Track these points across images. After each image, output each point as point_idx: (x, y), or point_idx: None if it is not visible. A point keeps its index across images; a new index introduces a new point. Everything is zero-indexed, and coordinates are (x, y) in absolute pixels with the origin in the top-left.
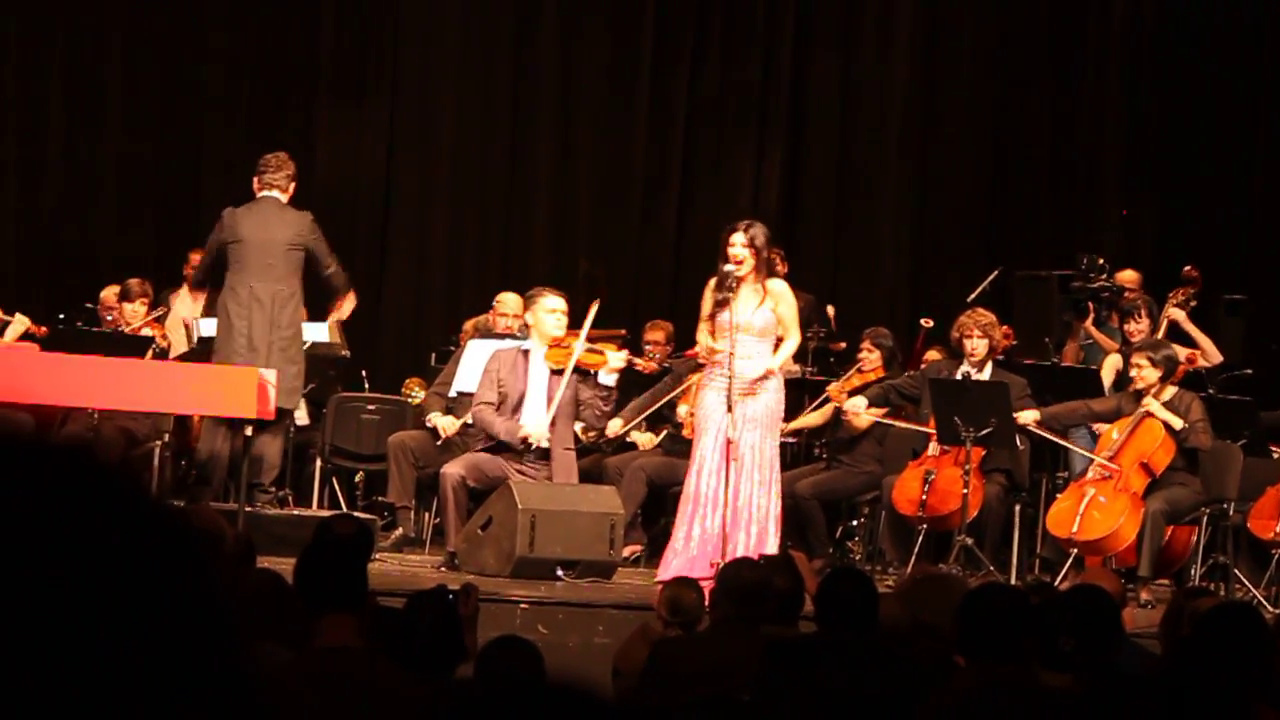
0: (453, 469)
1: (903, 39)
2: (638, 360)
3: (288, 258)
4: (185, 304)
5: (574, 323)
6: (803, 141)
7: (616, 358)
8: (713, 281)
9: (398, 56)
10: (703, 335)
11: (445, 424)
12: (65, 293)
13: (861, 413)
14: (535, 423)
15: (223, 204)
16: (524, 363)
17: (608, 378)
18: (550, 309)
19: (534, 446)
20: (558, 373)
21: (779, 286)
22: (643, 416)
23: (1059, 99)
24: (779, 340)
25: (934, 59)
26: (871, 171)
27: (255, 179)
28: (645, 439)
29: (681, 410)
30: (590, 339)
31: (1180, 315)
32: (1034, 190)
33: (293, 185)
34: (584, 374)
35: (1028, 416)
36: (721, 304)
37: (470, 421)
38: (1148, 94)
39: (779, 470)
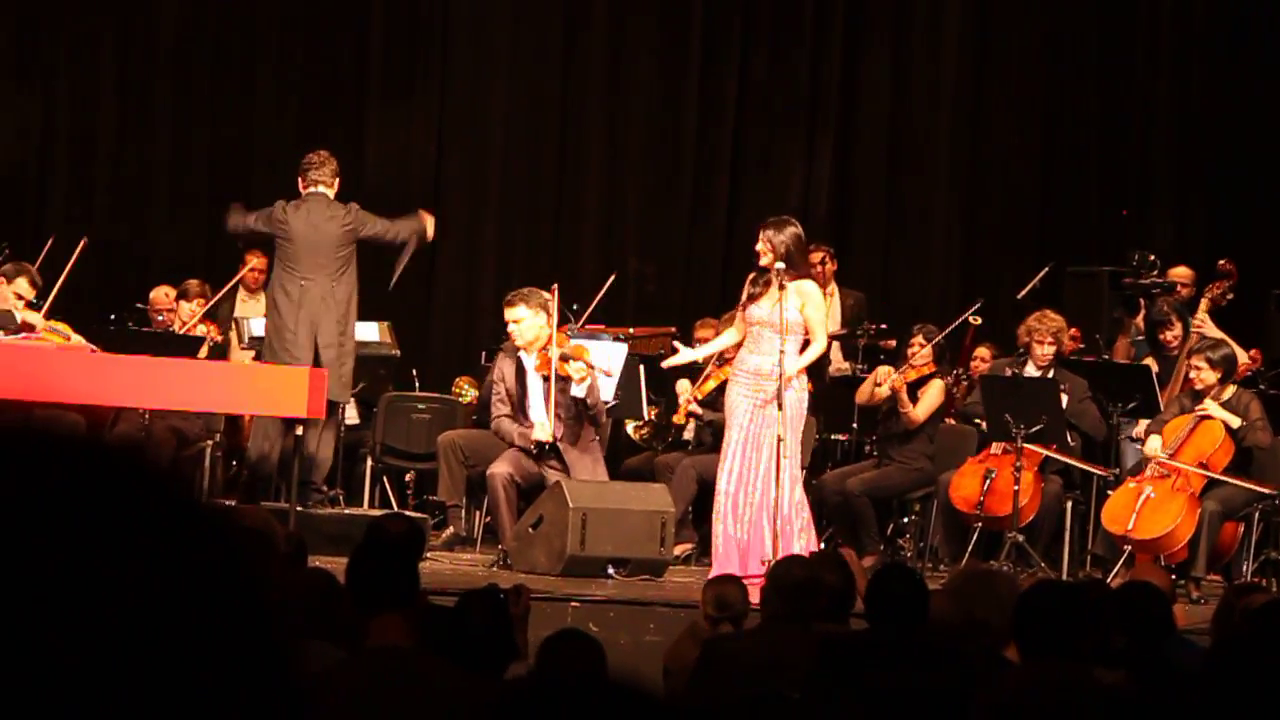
0: (500, 468)
1: (953, 33)
2: (601, 367)
3: (338, 254)
4: (242, 306)
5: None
6: (852, 138)
7: (576, 370)
8: (752, 275)
9: (447, 55)
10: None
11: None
12: (116, 293)
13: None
14: (541, 424)
15: (273, 202)
16: (520, 369)
17: (578, 389)
18: (509, 319)
19: (546, 447)
20: (548, 379)
21: (808, 287)
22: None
23: (1109, 94)
24: (806, 343)
25: (984, 54)
26: (922, 168)
27: (300, 178)
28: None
29: (682, 386)
30: (583, 333)
31: (1208, 323)
32: (1085, 186)
33: (337, 181)
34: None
35: (1154, 446)
36: (752, 298)
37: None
38: (1198, 88)
39: (798, 468)
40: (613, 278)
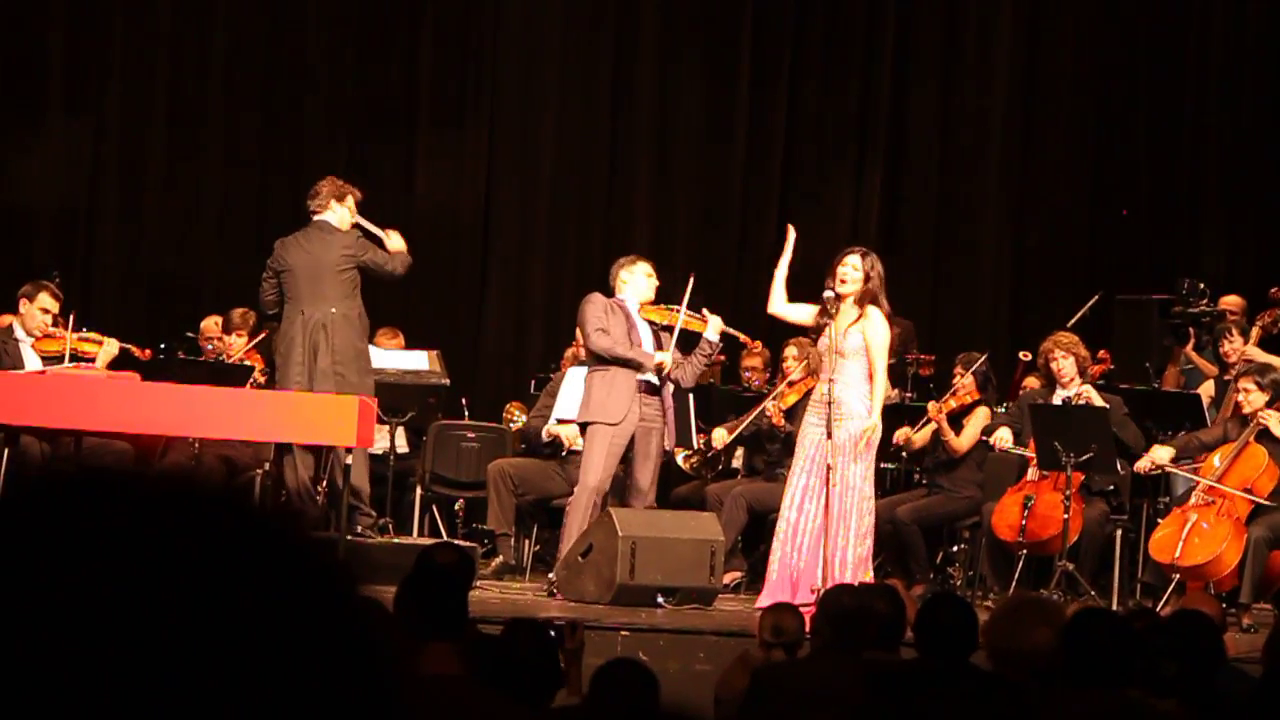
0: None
1: (1002, 62)
2: (740, 334)
3: (338, 279)
4: None
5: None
6: (902, 167)
7: (717, 321)
8: (816, 310)
9: (496, 85)
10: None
11: (569, 433)
12: (167, 322)
13: (1009, 445)
14: (661, 354)
15: None
16: (629, 313)
17: (714, 334)
18: (648, 273)
19: (667, 375)
20: (660, 328)
21: (875, 314)
22: (743, 427)
23: (1158, 122)
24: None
25: (1033, 83)
26: (971, 197)
27: (307, 207)
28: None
29: (769, 405)
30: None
31: (1254, 349)
32: (1134, 214)
33: (334, 201)
34: (683, 339)
35: (1163, 456)
36: (820, 329)
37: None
38: (1248, 115)
39: (866, 497)
40: (693, 279)
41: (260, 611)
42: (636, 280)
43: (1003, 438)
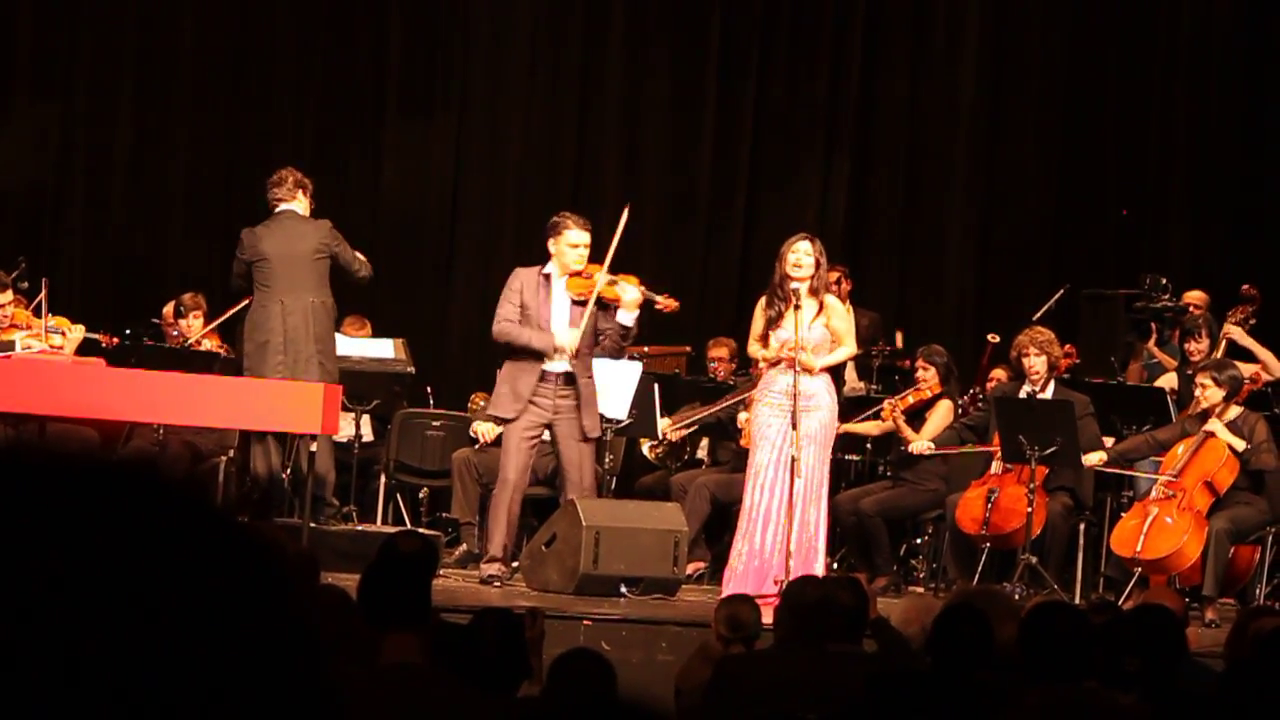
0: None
1: (970, 55)
2: (657, 298)
3: (315, 268)
4: None
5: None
6: (869, 158)
7: (632, 292)
8: (763, 300)
9: (465, 74)
10: (755, 349)
11: (485, 430)
12: (132, 308)
13: (928, 449)
14: (564, 336)
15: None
16: (546, 286)
17: (626, 317)
18: (573, 243)
19: (565, 356)
20: (579, 302)
21: (832, 301)
22: (692, 420)
23: (1126, 116)
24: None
25: (1001, 76)
26: (938, 188)
27: (268, 197)
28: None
29: (741, 418)
30: (611, 269)
31: (1237, 331)
32: (1101, 208)
33: (301, 192)
34: (604, 306)
35: (1094, 459)
36: (776, 320)
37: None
38: (1215, 112)
39: (827, 487)
40: (621, 225)
41: (173, 590)
42: (561, 252)
43: (920, 449)
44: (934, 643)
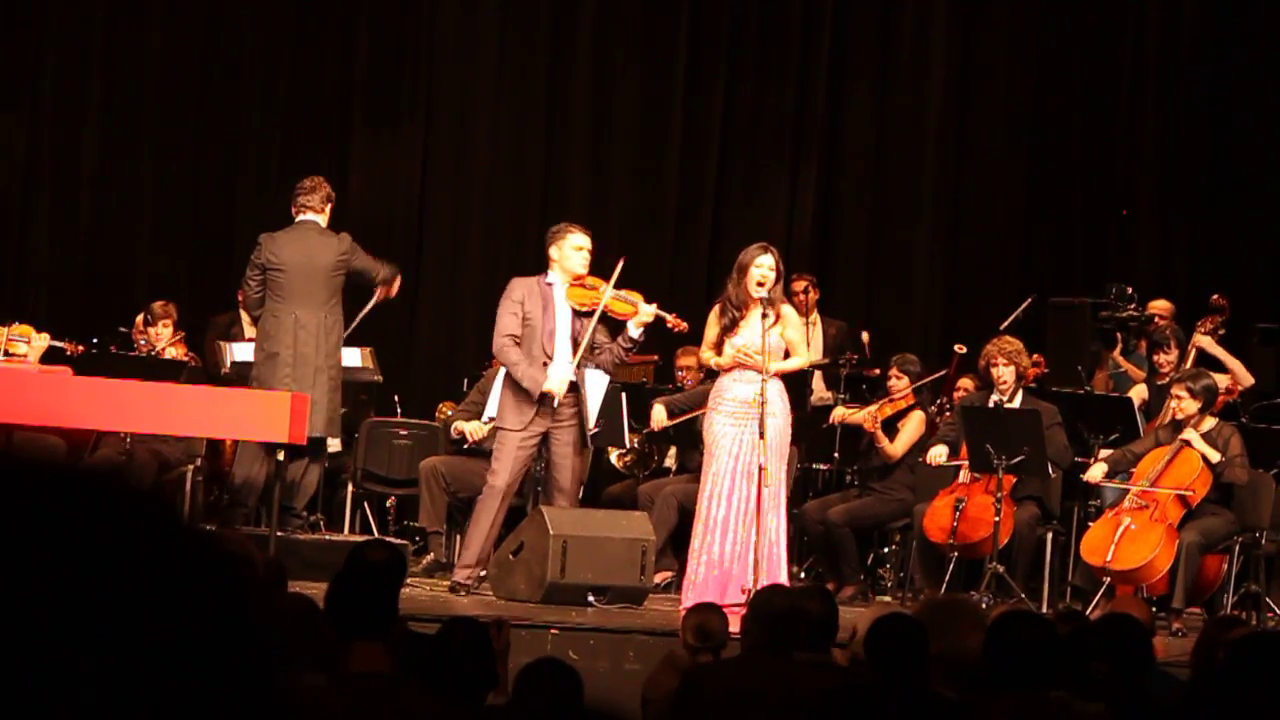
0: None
1: (938, 65)
2: (668, 317)
3: (330, 283)
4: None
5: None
6: (837, 168)
7: (647, 309)
8: (717, 308)
9: (431, 84)
10: (707, 356)
11: (472, 428)
12: (100, 316)
13: (943, 461)
14: (559, 375)
15: (257, 229)
16: (550, 297)
17: (636, 330)
18: (577, 246)
19: (552, 402)
20: (582, 314)
21: (788, 310)
22: (684, 418)
23: (1092, 126)
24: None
25: (968, 87)
26: (905, 198)
27: (292, 204)
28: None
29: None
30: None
31: (1206, 341)
32: (1068, 218)
33: (329, 206)
34: (608, 321)
35: (1096, 473)
36: (731, 328)
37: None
38: (1183, 122)
39: (785, 493)
40: (622, 260)
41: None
42: (565, 256)
43: (937, 455)
44: (869, 654)
